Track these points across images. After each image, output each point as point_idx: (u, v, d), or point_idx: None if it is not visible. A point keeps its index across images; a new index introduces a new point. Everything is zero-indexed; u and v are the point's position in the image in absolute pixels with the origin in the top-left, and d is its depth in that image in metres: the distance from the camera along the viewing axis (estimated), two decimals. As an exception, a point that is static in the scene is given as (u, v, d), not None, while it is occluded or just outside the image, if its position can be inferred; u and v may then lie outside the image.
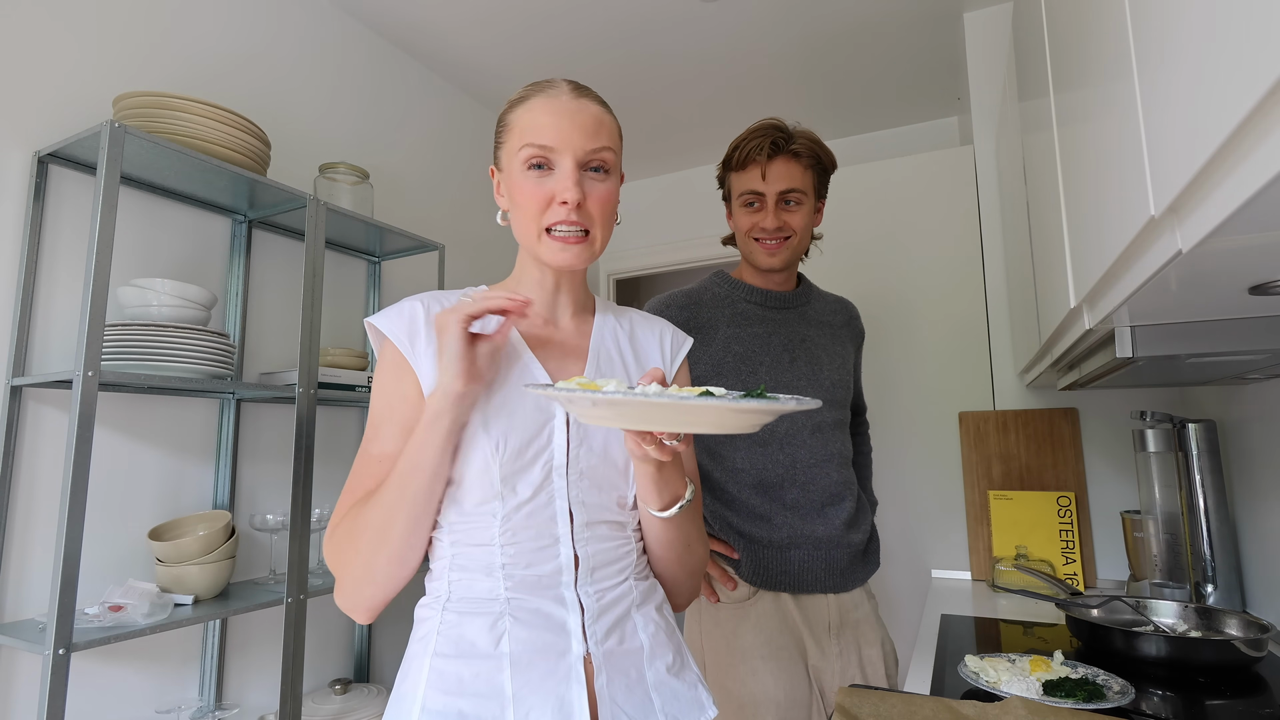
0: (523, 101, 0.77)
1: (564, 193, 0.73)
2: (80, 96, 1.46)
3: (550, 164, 0.74)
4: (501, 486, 0.70)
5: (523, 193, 0.75)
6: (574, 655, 0.69)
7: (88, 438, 1.19)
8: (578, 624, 0.71)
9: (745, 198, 1.30)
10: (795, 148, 1.27)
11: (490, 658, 0.68)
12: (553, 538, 0.72)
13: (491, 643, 0.68)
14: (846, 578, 1.27)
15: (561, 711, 0.67)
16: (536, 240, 0.76)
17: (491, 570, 0.70)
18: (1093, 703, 0.90)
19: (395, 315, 0.76)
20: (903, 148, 2.86)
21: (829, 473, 1.27)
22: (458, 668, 0.68)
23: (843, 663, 1.24)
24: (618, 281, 3.50)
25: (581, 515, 0.74)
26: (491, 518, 0.71)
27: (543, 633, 0.69)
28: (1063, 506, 1.74)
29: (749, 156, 1.27)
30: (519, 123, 0.76)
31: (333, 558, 0.72)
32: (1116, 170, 0.59)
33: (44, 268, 1.39)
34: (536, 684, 0.67)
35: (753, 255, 1.31)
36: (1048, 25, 0.92)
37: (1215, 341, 0.75)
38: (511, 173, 0.77)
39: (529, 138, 0.74)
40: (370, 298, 2.13)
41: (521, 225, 0.77)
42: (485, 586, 0.70)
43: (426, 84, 2.42)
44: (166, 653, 1.52)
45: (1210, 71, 0.37)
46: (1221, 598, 1.35)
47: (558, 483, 0.73)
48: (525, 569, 0.71)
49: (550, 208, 0.74)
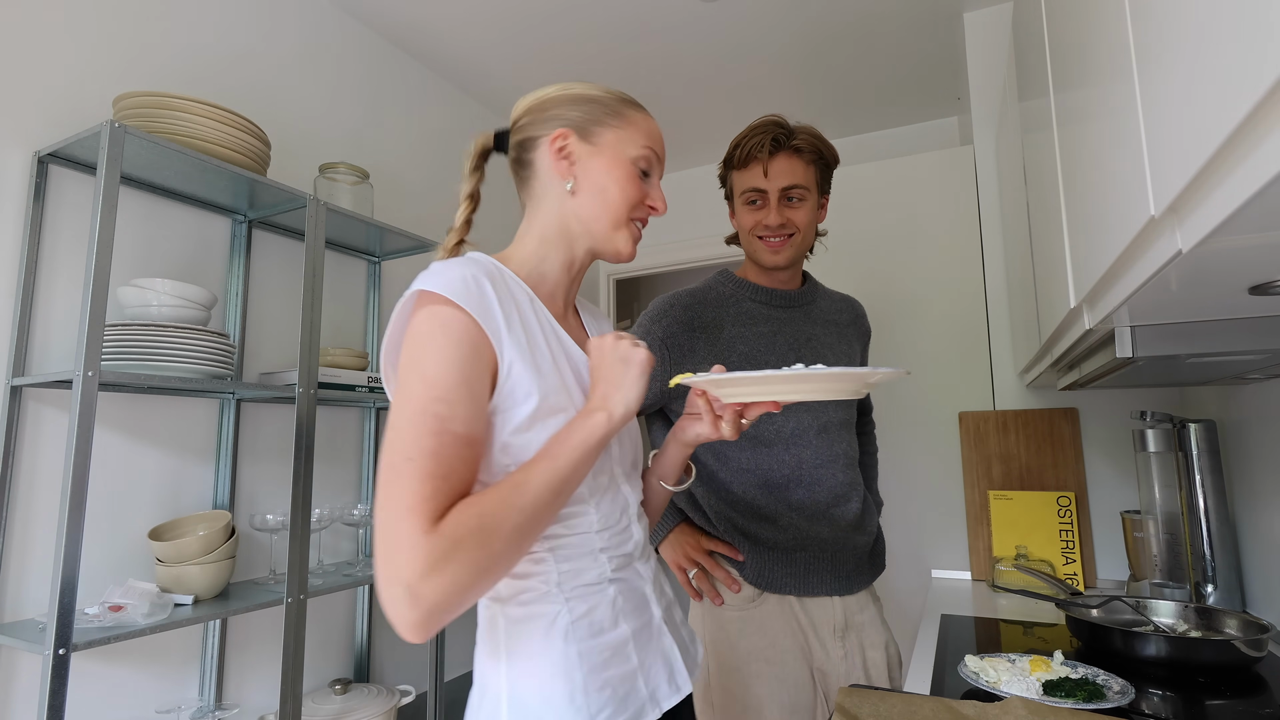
0: (638, 110, 0.87)
1: (659, 201, 0.86)
2: (80, 96, 1.46)
3: (653, 170, 0.85)
4: (592, 478, 0.77)
5: (623, 185, 0.82)
6: (656, 618, 0.82)
7: (88, 438, 1.19)
8: (651, 591, 0.83)
9: (747, 195, 1.29)
10: (797, 143, 1.26)
11: (615, 631, 0.77)
12: (628, 518, 0.82)
13: (612, 620, 0.77)
14: (852, 580, 1.26)
15: (666, 665, 0.80)
16: (620, 228, 0.83)
17: (595, 555, 0.77)
18: (1093, 703, 0.90)
19: (470, 291, 0.69)
20: (903, 148, 2.86)
21: (835, 473, 1.26)
22: (595, 648, 0.75)
23: (847, 665, 1.23)
24: (617, 282, 3.49)
25: (634, 497, 0.84)
26: (588, 506, 0.77)
27: (639, 603, 0.80)
28: (1063, 506, 1.74)
29: (750, 153, 1.26)
30: (640, 125, 0.85)
31: (436, 561, 0.59)
32: (1116, 170, 0.59)
33: (44, 268, 1.39)
34: (646, 646, 0.79)
35: (757, 253, 1.30)
36: (1048, 25, 0.92)
37: (1215, 341, 0.75)
38: (619, 161, 0.82)
39: (649, 141, 0.85)
40: (370, 298, 2.13)
41: (606, 210, 0.82)
42: (594, 571, 0.77)
43: (427, 84, 2.42)
44: (166, 653, 1.52)
45: (1210, 71, 0.37)
46: (1221, 598, 1.35)
47: (616, 470, 0.82)
48: (618, 550, 0.79)
49: (641, 207, 0.84)
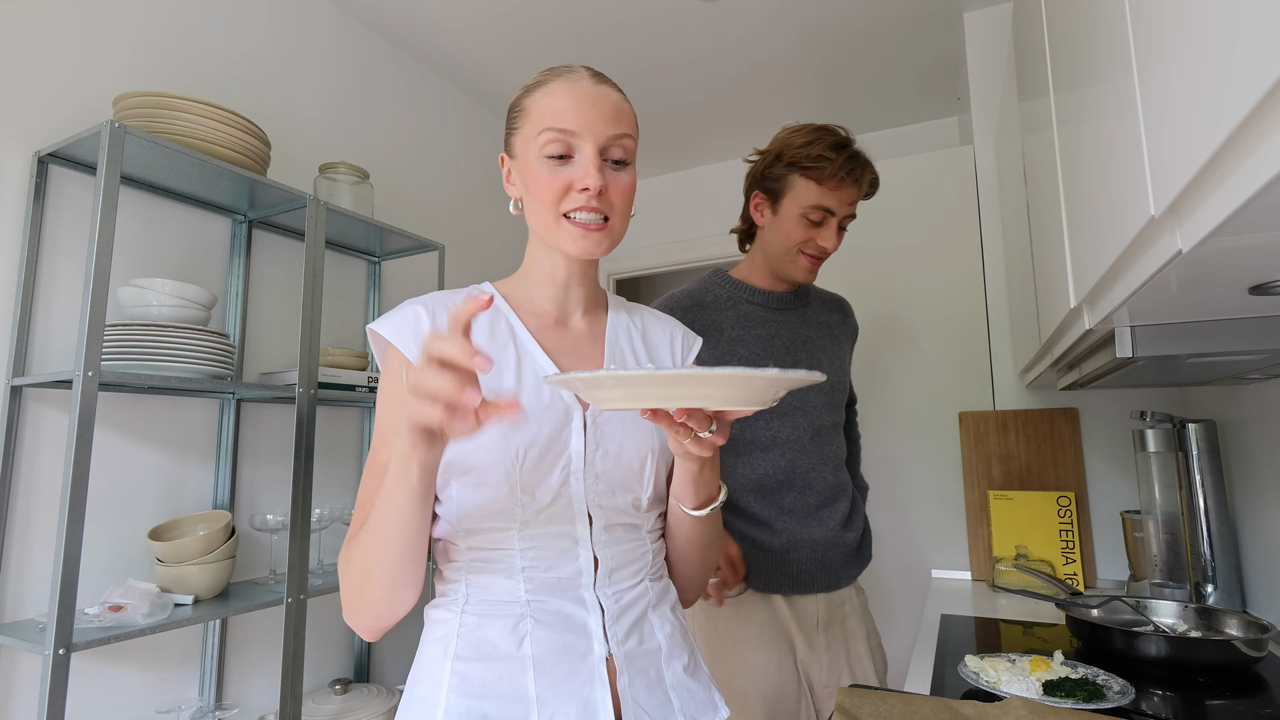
0: (540, 86, 0.74)
1: (585, 179, 0.70)
2: (80, 96, 1.46)
3: (570, 151, 0.72)
4: (522, 494, 0.69)
5: (540, 179, 0.72)
6: (596, 656, 0.69)
7: (88, 438, 1.19)
8: (598, 625, 0.70)
9: (814, 211, 1.23)
10: (873, 178, 1.27)
11: (513, 660, 0.67)
12: (572, 540, 0.71)
13: (514, 645, 0.68)
14: (840, 576, 1.29)
15: (586, 713, 0.67)
16: (554, 228, 0.73)
17: (512, 573, 0.69)
18: (1093, 703, 0.90)
19: (399, 321, 0.72)
20: (903, 148, 2.86)
21: (825, 475, 1.29)
22: (480, 670, 0.67)
23: (830, 657, 1.26)
24: (618, 281, 3.50)
25: (600, 518, 0.73)
26: (511, 521, 0.69)
27: (565, 634, 0.69)
28: (1063, 506, 1.74)
29: (841, 174, 1.21)
30: (537, 107, 0.73)
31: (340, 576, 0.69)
32: (1116, 170, 0.59)
33: (44, 268, 1.39)
34: (560, 686, 0.67)
35: (792, 268, 1.28)
36: (1048, 25, 0.92)
37: (1215, 341, 0.75)
38: (528, 159, 0.73)
39: (549, 121, 0.71)
40: (370, 298, 2.13)
41: (537, 213, 0.74)
42: (506, 589, 0.69)
43: (427, 84, 2.42)
44: (166, 653, 1.52)
45: (1210, 71, 0.37)
46: (1221, 598, 1.35)
47: (575, 486, 0.71)
48: (546, 571, 0.70)
49: (569, 195, 0.72)
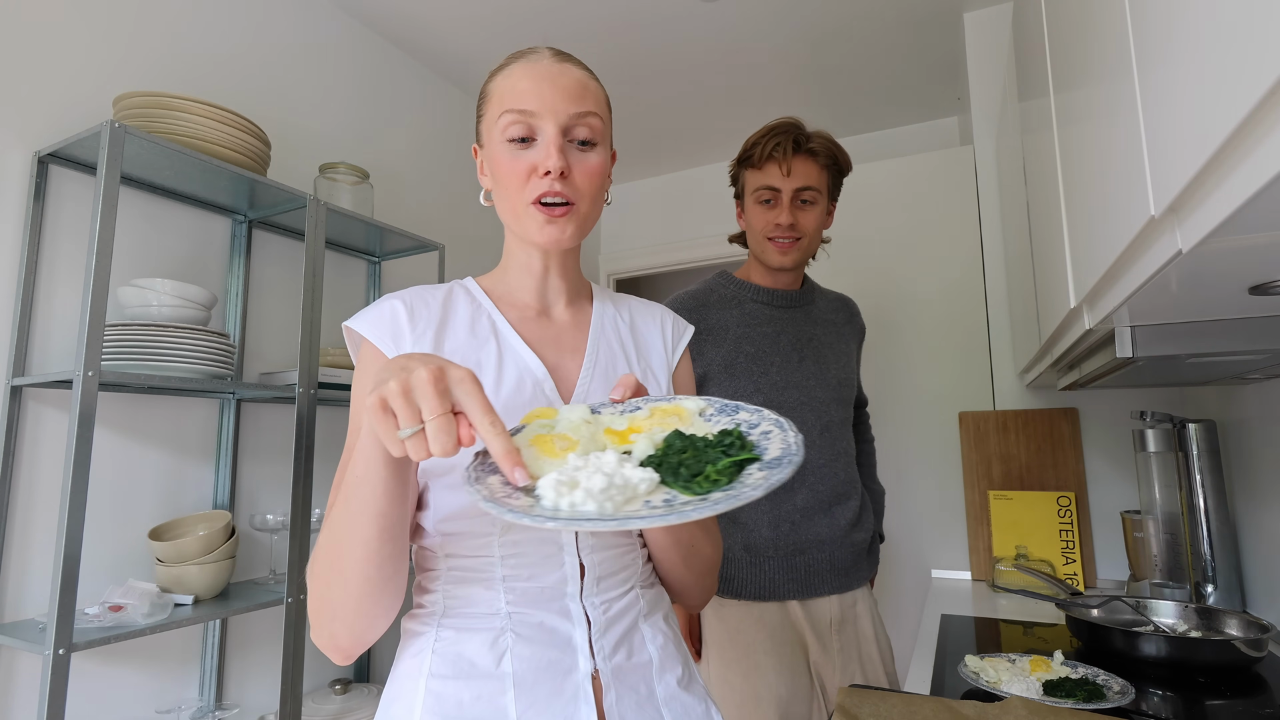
0: (502, 69, 0.72)
1: (546, 161, 0.66)
2: (80, 96, 1.45)
3: (532, 133, 0.68)
4: None
5: (503, 165, 0.69)
6: (581, 673, 0.64)
7: (88, 438, 1.19)
8: (584, 638, 0.65)
9: (761, 194, 1.30)
10: (813, 146, 1.28)
11: (492, 678, 0.62)
12: (556, 546, 0.66)
13: (493, 661, 0.63)
14: (850, 577, 1.28)
15: None
16: (520, 216, 0.69)
17: (491, 582, 0.65)
18: (1093, 703, 0.90)
19: (375, 317, 0.69)
20: (903, 148, 2.86)
21: (836, 471, 1.29)
22: (456, 690, 0.62)
23: (843, 659, 1.25)
24: (618, 281, 3.51)
25: None
26: (492, 527, 0.65)
27: (547, 649, 0.64)
28: (1063, 506, 1.74)
29: (768, 153, 1.27)
30: (498, 90, 0.71)
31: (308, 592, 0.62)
32: (1116, 170, 0.59)
33: (44, 268, 1.39)
34: (542, 705, 0.62)
35: (765, 254, 1.31)
36: (1048, 25, 0.92)
37: (1215, 341, 0.75)
38: (492, 145, 0.70)
39: (508, 103, 0.68)
40: (370, 298, 2.13)
41: (504, 201, 0.71)
42: (485, 600, 0.65)
43: (427, 83, 2.42)
44: (166, 653, 1.52)
45: (1210, 71, 0.37)
46: (1221, 598, 1.35)
47: None
48: (528, 580, 0.65)
49: (532, 180, 0.68)
